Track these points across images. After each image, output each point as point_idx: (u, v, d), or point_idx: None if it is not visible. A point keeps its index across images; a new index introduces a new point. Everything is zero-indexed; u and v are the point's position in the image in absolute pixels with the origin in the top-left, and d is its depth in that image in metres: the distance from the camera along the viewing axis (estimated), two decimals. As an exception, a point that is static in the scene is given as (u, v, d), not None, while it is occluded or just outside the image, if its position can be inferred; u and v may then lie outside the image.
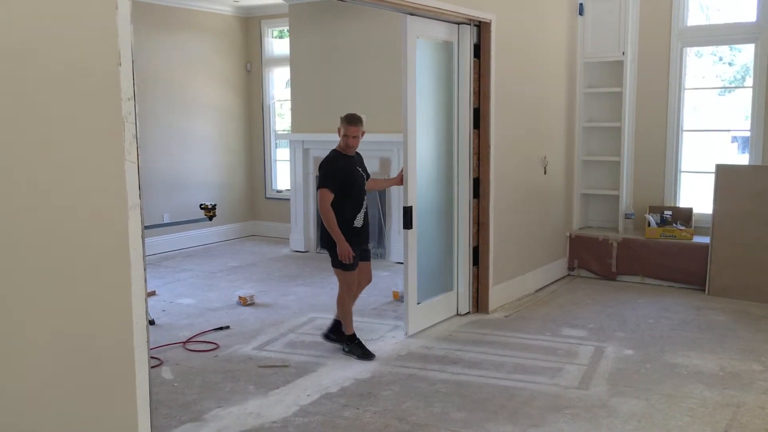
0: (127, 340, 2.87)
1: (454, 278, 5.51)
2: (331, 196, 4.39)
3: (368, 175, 4.76)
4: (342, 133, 4.49)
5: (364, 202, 4.57)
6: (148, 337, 2.95)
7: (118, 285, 2.82)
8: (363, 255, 4.73)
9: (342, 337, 4.67)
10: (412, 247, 4.94)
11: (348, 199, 4.47)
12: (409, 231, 4.88)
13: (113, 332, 2.82)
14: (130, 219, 2.83)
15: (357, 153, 4.67)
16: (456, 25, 5.21)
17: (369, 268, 4.83)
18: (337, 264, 4.53)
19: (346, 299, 4.62)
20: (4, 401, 2.50)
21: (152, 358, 3.91)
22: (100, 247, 2.75)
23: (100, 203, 2.74)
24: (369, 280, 4.87)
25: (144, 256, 2.90)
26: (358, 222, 4.54)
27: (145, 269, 2.92)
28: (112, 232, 2.78)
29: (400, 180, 4.86)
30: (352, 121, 4.48)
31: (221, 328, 5.22)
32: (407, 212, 4.81)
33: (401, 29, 4.74)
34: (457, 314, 5.51)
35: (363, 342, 4.64)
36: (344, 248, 4.43)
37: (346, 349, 4.62)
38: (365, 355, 4.54)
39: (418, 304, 5.06)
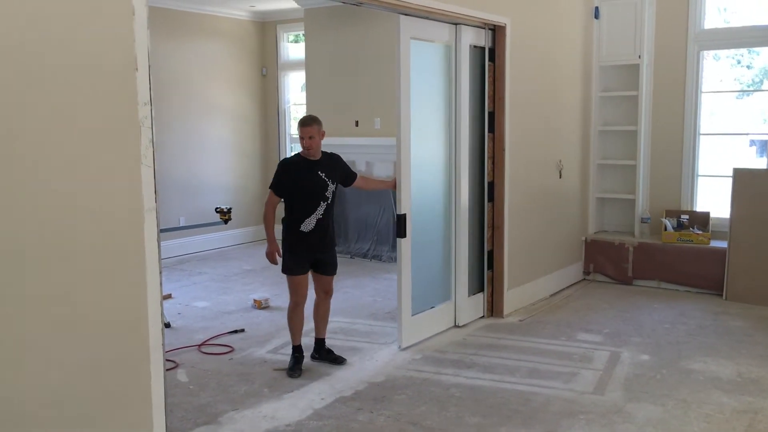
0: (143, 343, 2.89)
1: (452, 288, 5.27)
2: (275, 199, 4.36)
3: (353, 175, 4.60)
4: (298, 136, 4.35)
5: (319, 208, 4.32)
6: (163, 340, 2.97)
7: (134, 288, 2.85)
8: (319, 267, 4.47)
9: (325, 355, 4.56)
10: (406, 257, 4.72)
11: (297, 203, 4.33)
12: (403, 240, 4.67)
13: (129, 335, 2.85)
14: (146, 222, 2.85)
15: (330, 155, 4.48)
16: (454, 26, 5.03)
17: (327, 281, 4.54)
18: (283, 269, 4.42)
19: (292, 309, 4.43)
20: (19, 401, 2.53)
21: (167, 360, 3.94)
22: (116, 250, 2.77)
23: (117, 207, 2.77)
24: (326, 292, 4.56)
25: (160, 260, 2.92)
26: (306, 227, 4.31)
27: (160, 272, 2.94)
28: (128, 235, 2.81)
29: (394, 184, 4.69)
30: (304, 122, 4.32)
31: (236, 331, 5.24)
32: (401, 220, 4.64)
33: (396, 30, 4.56)
34: (455, 326, 5.27)
35: (300, 360, 4.44)
36: (270, 249, 4.41)
37: (285, 366, 4.46)
38: (291, 371, 4.35)
39: (413, 315, 4.85)
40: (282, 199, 4.39)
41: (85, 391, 2.71)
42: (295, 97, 9.16)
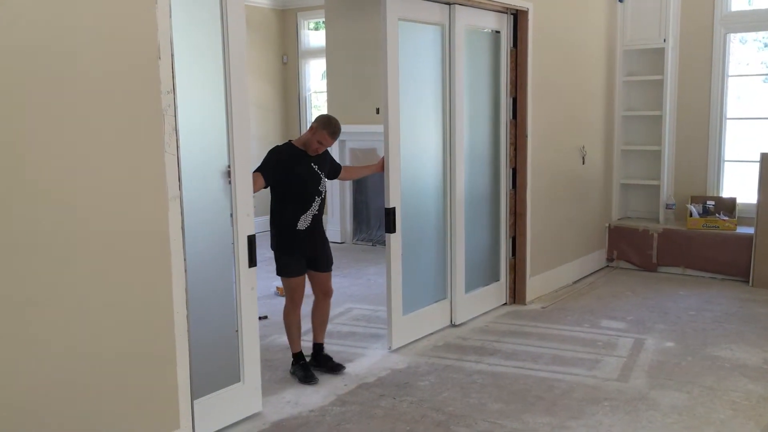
0: (168, 329, 2.92)
1: (447, 285, 4.99)
2: (260, 183, 3.86)
3: (338, 168, 4.35)
4: (315, 138, 3.97)
5: (314, 204, 4.03)
6: (188, 326, 3.00)
7: (159, 275, 2.87)
8: (315, 264, 4.15)
9: (323, 362, 4.25)
10: (395, 254, 4.45)
11: (290, 199, 4.01)
12: (392, 235, 4.42)
13: (154, 321, 2.88)
14: (170, 210, 2.88)
15: None
16: (447, 6, 4.73)
17: (325, 279, 4.21)
18: (278, 271, 4.12)
19: (289, 310, 4.14)
20: (43, 387, 2.57)
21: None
22: (141, 238, 2.80)
23: (141, 195, 2.79)
24: (325, 292, 4.23)
25: (184, 247, 2.95)
26: (302, 224, 4.02)
27: (185, 260, 2.96)
28: (152, 223, 2.83)
29: (381, 166, 4.42)
30: (335, 134, 3.98)
31: (259, 319, 5.25)
32: (389, 214, 4.36)
33: (380, 8, 4.25)
34: (451, 325, 5.01)
35: (308, 364, 4.15)
36: None
37: (291, 370, 4.18)
38: (306, 378, 4.03)
39: (404, 315, 4.53)
40: (265, 188, 3.98)
41: (110, 378, 2.74)
42: (315, 85, 9.16)
